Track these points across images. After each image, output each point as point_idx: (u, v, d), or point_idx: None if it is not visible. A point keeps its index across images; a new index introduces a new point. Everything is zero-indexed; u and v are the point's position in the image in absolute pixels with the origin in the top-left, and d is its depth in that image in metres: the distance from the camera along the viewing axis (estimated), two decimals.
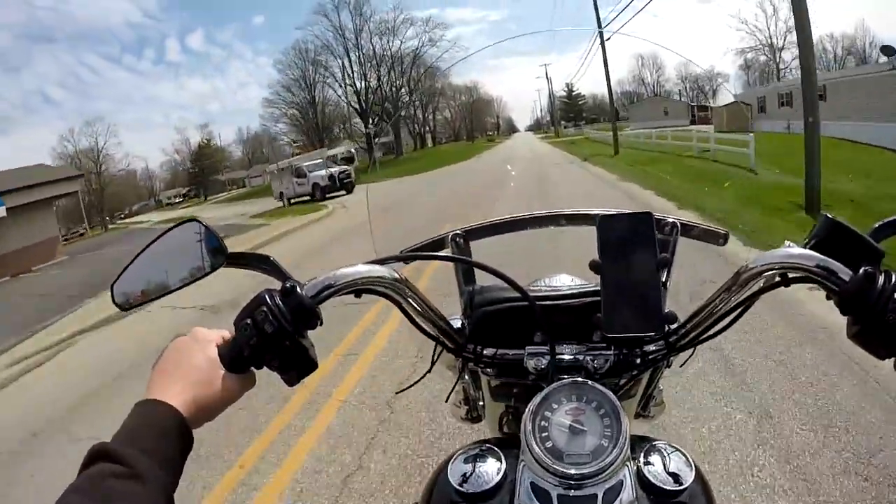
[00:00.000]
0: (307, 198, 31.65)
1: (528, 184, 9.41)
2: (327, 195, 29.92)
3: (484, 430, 1.21)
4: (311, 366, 0.78)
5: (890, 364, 0.72)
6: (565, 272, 1.20)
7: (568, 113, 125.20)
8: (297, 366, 0.77)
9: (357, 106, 71.30)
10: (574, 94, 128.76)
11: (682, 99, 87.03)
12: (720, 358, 3.93)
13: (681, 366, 1.04)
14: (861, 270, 0.70)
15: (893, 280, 0.68)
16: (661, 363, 0.98)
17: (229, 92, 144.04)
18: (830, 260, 0.73)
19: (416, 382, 1.10)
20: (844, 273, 0.72)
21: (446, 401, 1.23)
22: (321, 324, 0.78)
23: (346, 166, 34.19)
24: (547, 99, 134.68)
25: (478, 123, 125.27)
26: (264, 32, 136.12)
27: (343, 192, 30.39)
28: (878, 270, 0.70)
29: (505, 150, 32.53)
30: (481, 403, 1.18)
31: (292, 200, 33.09)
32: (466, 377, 1.13)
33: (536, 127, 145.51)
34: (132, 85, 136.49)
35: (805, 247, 0.78)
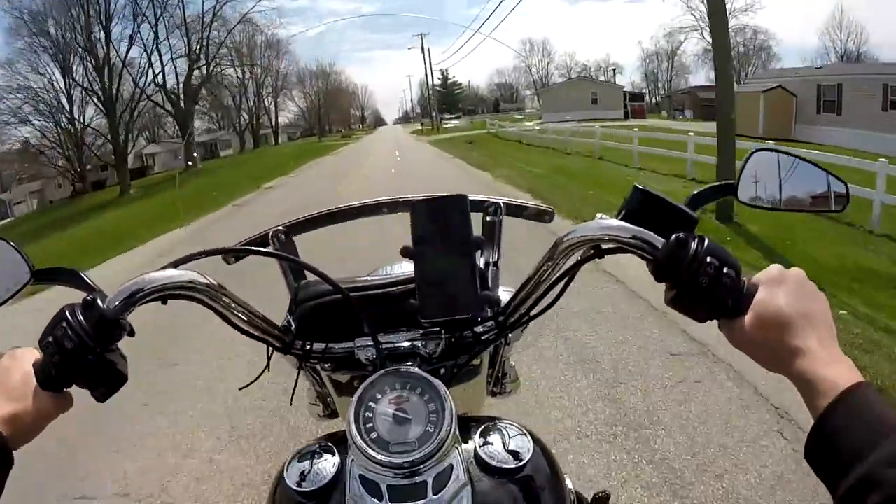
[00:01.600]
0: None
1: None
2: None
3: (342, 426, 1.10)
4: (119, 380, 0.74)
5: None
6: None
7: (441, 104, 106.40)
8: (104, 381, 0.73)
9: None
10: (450, 81, 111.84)
11: (615, 83, 69.17)
12: None
13: (518, 340, 1.13)
14: (673, 237, 0.71)
15: (706, 244, 0.69)
16: (498, 342, 1.01)
17: None
18: (642, 229, 0.74)
19: (253, 381, 1.02)
20: (657, 241, 0.73)
21: (290, 403, 1.12)
22: (132, 334, 0.75)
23: None
24: (419, 89, 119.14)
25: (339, 116, 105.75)
26: None
27: None
28: (690, 237, 0.70)
29: (349, 162, 26.49)
30: (331, 399, 1.16)
31: None
32: (312, 376, 1.11)
33: (405, 119, 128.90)
34: None
35: (618, 217, 0.79)
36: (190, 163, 42.82)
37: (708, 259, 0.69)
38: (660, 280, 0.73)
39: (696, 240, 0.70)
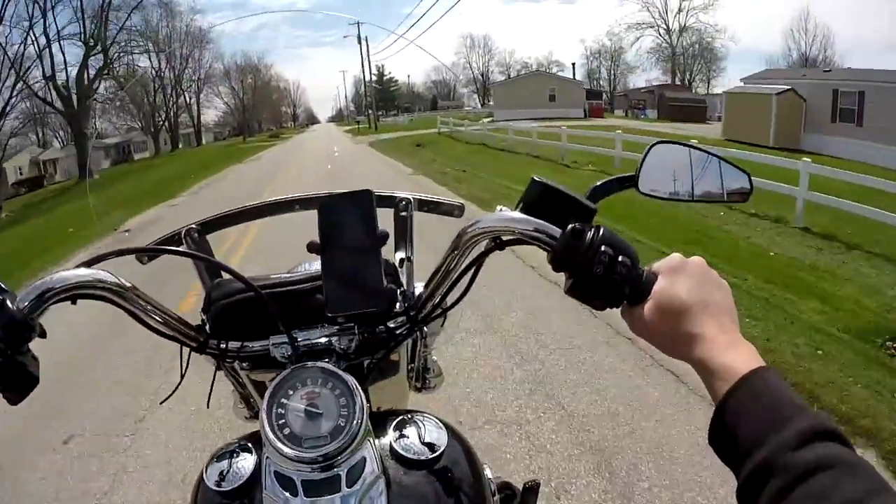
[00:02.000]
0: None
1: None
2: None
3: None
4: (31, 382, 0.73)
5: None
6: None
7: (377, 101, 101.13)
8: (15, 384, 0.71)
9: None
10: (386, 77, 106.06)
11: (575, 79, 64.00)
12: None
13: (437, 334, 1.16)
14: (568, 228, 0.72)
15: (601, 233, 0.71)
16: (411, 336, 1.00)
17: None
18: (539, 221, 0.75)
19: (173, 391, 1.00)
20: (554, 232, 0.74)
21: (207, 405, 1.07)
22: (43, 335, 0.74)
23: None
24: (353, 87, 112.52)
25: (270, 114, 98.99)
26: None
27: None
28: (586, 227, 0.72)
29: (270, 172, 21.52)
30: (253, 399, 1.14)
31: None
32: (232, 376, 1.09)
33: (339, 117, 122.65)
34: None
35: (517, 209, 0.80)
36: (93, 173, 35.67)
37: (602, 248, 0.70)
38: (557, 270, 0.74)
39: (592, 230, 0.72)
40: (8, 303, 0.71)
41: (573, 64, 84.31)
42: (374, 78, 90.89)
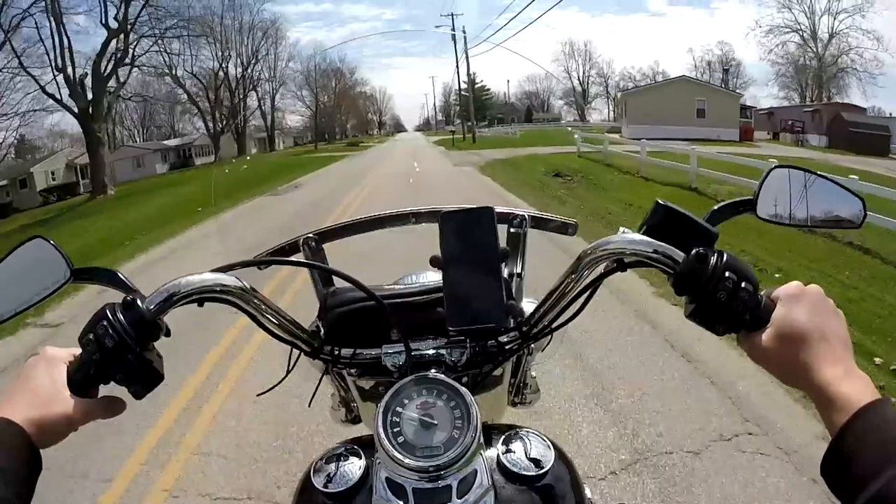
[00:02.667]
0: None
1: None
2: None
3: (364, 431, 1.17)
4: (156, 378, 0.77)
5: None
6: None
7: (464, 109, 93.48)
8: (141, 379, 0.75)
9: None
10: (478, 85, 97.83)
11: (729, 89, 53.25)
12: None
13: (542, 350, 1.10)
14: (693, 252, 0.73)
15: (725, 259, 0.71)
16: (521, 352, 1.02)
17: None
18: (663, 244, 0.76)
19: (275, 385, 1.04)
20: (677, 255, 0.75)
21: (309, 404, 1.12)
22: (168, 335, 0.79)
23: None
24: (441, 96, 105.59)
25: (355, 120, 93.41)
26: None
27: None
28: (710, 251, 0.72)
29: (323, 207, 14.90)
30: (355, 405, 1.18)
31: None
32: (338, 381, 1.13)
33: (426, 126, 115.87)
34: None
35: (640, 232, 0.80)
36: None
37: (726, 274, 0.71)
38: (680, 293, 0.74)
39: (716, 255, 0.72)
40: (138, 302, 0.75)
41: (726, 70, 71.10)
42: (466, 83, 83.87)
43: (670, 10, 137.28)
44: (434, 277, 1.13)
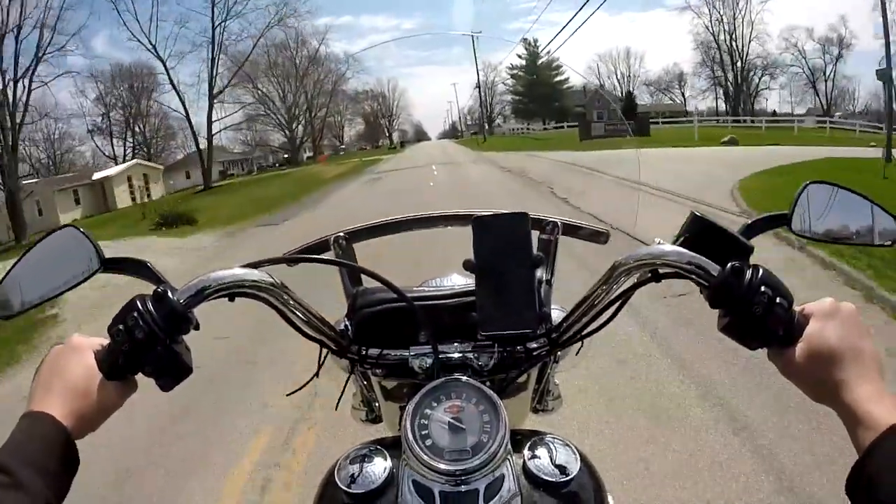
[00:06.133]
0: None
1: None
2: None
3: (385, 431, 1.17)
4: (185, 371, 0.77)
5: None
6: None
7: (488, 115, 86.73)
8: (170, 371, 0.75)
9: None
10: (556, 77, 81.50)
11: None
12: None
13: (576, 354, 1.07)
14: (728, 265, 0.72)
15: (760, 274, 0.71)
16: (547, 359, 1.00)
17: None
18: (698, 256, 0.75)
19: (304, 385, 1.04)
20: (713, 268, 0.74)
21: (336, 407, 1.14)
22: (197, 328, 0.78)
23: None
24: (469, 99, 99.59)
25: (370, 131, 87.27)
26: None
27: None
28: (745, 265, 0.72)
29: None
30: (377, 404, 1.17)
31: None
32: (361, 380, 1.12)
33: (453, 133, 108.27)
34: None
35: (675, 244, 0.79)
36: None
37: (762, 288, 0.70)
38: (714, 306, 0.74)
39: (752, 269, 0.71)
40: (169, 294, 0.74)
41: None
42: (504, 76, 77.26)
43: None
44: (461, 281, 1.09)
